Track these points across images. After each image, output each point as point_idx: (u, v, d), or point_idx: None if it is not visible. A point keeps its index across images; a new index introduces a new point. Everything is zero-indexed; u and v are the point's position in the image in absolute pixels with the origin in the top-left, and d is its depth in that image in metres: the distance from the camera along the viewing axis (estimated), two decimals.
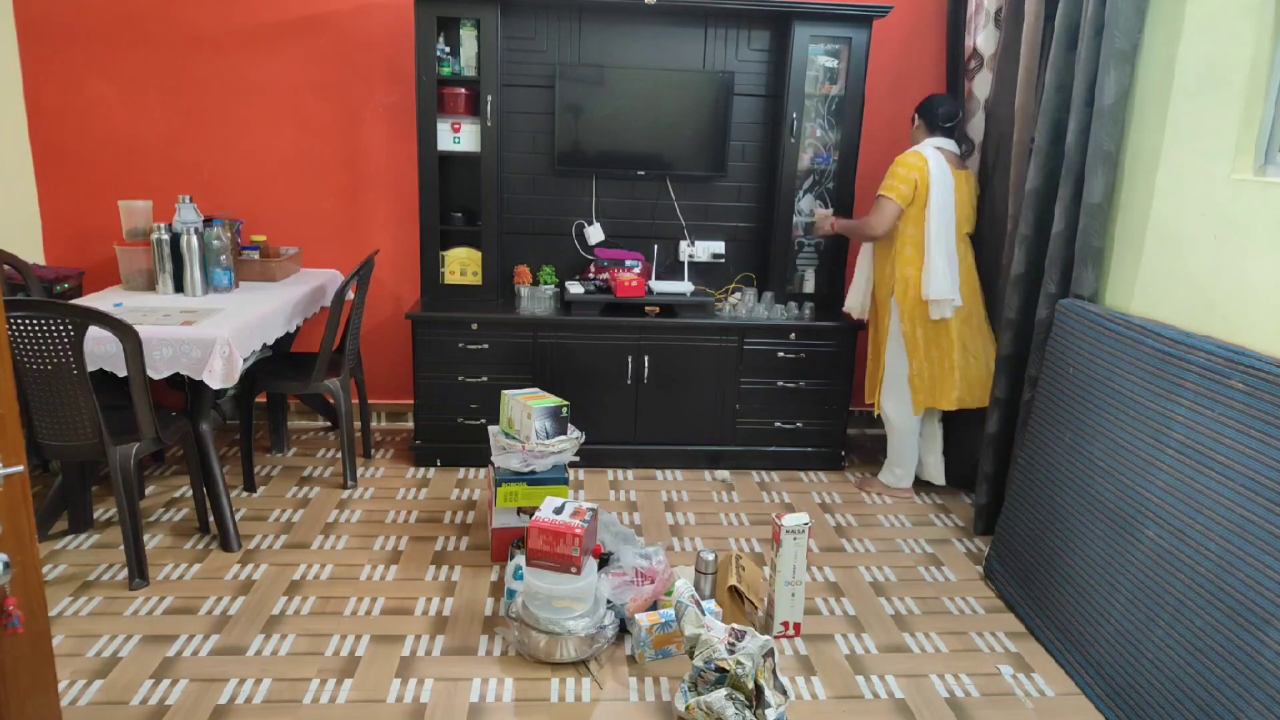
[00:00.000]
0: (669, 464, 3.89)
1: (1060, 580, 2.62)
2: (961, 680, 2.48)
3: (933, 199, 3.30)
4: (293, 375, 3.53)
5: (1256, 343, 2.13)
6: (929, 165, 3.31)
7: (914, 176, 3.31)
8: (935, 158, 3.33)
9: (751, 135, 3.96)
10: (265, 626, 2.60)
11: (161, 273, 3.31)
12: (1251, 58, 2.24)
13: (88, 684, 2.31)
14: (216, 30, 3.81)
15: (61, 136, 3.86)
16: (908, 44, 4.04)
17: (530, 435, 2.94)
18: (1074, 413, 2.67)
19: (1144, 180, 2.63)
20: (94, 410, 2.64)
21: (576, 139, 3.82)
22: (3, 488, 1.36)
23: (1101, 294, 2.80)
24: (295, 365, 3.63)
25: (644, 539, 3.22)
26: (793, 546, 2.60)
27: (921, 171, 3.31)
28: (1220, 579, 2.04)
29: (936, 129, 3.46)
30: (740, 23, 3.84)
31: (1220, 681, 1.99)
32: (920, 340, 3.43)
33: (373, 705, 2.28)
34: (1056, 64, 2.92)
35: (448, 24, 3.61)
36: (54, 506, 3.09)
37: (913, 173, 3.31)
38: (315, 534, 3.17)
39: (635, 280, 3.73)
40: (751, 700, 2.16)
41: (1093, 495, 2.53)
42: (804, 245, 4.05)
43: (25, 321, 2.48)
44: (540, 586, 2.45)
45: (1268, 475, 1.96)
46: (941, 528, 3.43)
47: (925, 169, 3.31)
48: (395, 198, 4.03)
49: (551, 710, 2.29)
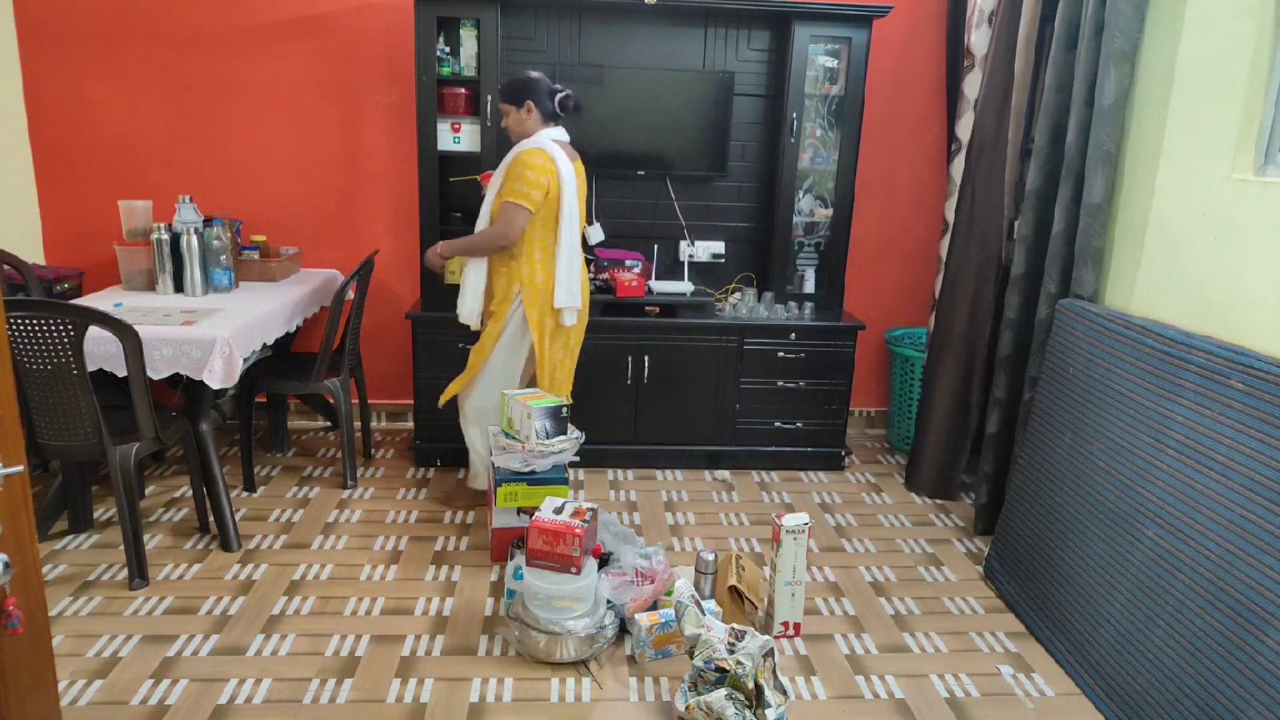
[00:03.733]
0: (669, 464, 3.89)
1: (1060, 580, 2.62)
2: (961, 680, 2.48)
3: (564, 203, 3.02)
4: (293, 375, 3.51)
5: (1256, 343, 2.13)
6: (558, 166, 3.00)
7: (545, 181, 2.97)
8: (560, 156, 3.02)
9: (751, 135, 3.96)
10: (265, 626, 2.60)
11: (161, 273, 3.31)
12: (1251, 58, 2.24)
13: (88, 684, 2.31)
14: (216, 30, 3.81)
15: (61, 136, 3.86)
16: (908, 44, 4.04)
17: (530, 435, 2.94)
18: (1074, 413, 2.67)
19: (1144, 180, 2.63)
20: (94, 410, 2.64)
21: (576, 139, 3.81)
22: (3, 488, 1.36)
23: (1101, 294, 2.80)
24: (295, 365, 3.62)
25: (644, 539, 3.22)
26: (793, 546, 2.60)
27: (552, 175, 2.98)
28: (1220, 579, 2.04)
29: (552, 119, 3.10)
30: (740, 23, 3.84)
31: (1220, 681, 1.99)
32: (550, 349, 3.18)
33: (373, 705, 2.28)
34: (1056, 64, 2.92)
35: (448, 24, 3.61)
36: (54, 506, 3.09)
37: (543, 176, 2.96)
38: (315, 534, 3.17)
39: (635, 280, 3.73)
40: (751, 700, 2.16)
41: (1093, 495, 2.53)
42: (804, 245, 4.04)
43: (25, 321, 2.48)
44: (540, 586, 2.45)
45: (1268, 475, 1.96)
46: (941, 528, 3.43)
47: (555, 171, 2.99)
48: (395, 198, 4.03)
49: (551, 710, 2.29)
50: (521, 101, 3.07)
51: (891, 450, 4.26)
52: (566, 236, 3.07)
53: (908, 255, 4.32)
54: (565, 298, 3.10)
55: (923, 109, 4.14)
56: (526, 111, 3.07)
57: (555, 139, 3.08)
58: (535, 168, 2.96)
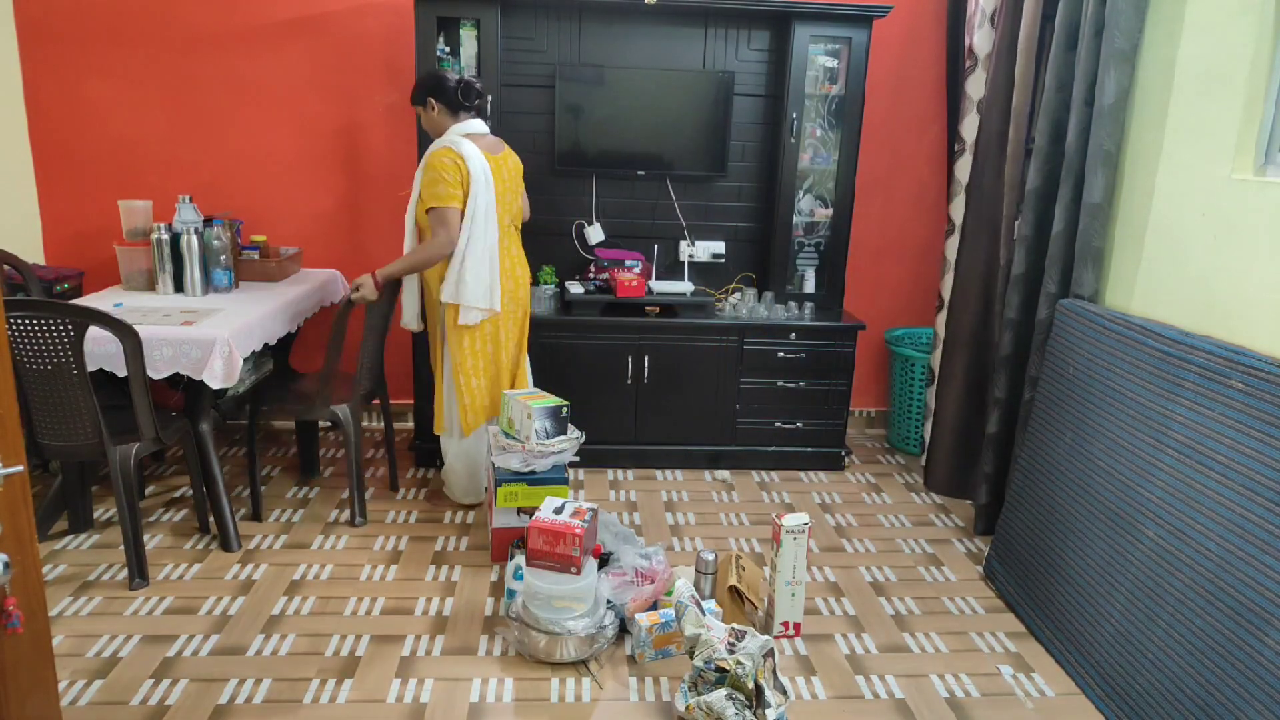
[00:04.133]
0: (669, 464, 3.89)
1: (1060, 580, 2.62)
2: (961, 680, 2.48)
3: (474, 200, 2.96)
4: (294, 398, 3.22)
5: (1256, 343, 2.13)
6: (468, 165, 2.93)
7: (459, 178, 2.93)
8: (472, 150, 2.95)
9: (751, 135, 3.96)
10: (265, 626, 2.60)
11: (161, 273, 3.31)
12: (1251, 58, 2.24)
13: (88, 684, 2.31)
14: (217, 30, 3.81)
15: (61, 136, 3.86)
16: (908, 44, 4.04)
17: (530, 435, 2.94)
18: (1074, 413, 2.67)
19: (1144, 180, 2.63)
20: (94, 410, 2.64)
21: (576, 139, 3.82)
22: (3, 488, 1.36)
23: (1101, 294, 2.80)
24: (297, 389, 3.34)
25: (644, 539, 3.22)
26: (793, 546, 2.60)
27: (464, 172, 2.93)
28: (1220, 579, 2.04)
29: (460, 111, 3.05)
30: (740, 23, 3.84)
31: (1220, 681, 1.99)
32: (470, 351, 3.15)
33: (373, 705, 2.28)
34: (1056, 64, 2.92)
35: (448, 24, 3.61)
36: (54, 506, 3.09)
37: (455, 174, 2.93)
38: (315, 534, 3.17)
39: (635, 280, 3.73)
40: (751, 700, 2.16)
41: (1093, 495, 2.53)
42: (804, 245, 4.04)
43: (25, 321, 2.48)
44: (540, 586, 2.45)
45: (1268, 475, 1.96)
46: (941, 528, 3.43)
47: (465, 168, 2.93)
48: (395, 197, 4.03)
49: (551, 710, 2.29)
50: (424, 100, 3.07)
51: (891, 450, 4.26)
52: (480, 233, 3.00)
53: (908, 255, 4.32)
54: (470, 296, 3.02)
55: (923, 109, 4.14)
56: (431, 109, 3.07)
57: (468, 132, 3.04)
58: (445, 167, 2.93)
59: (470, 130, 3.06)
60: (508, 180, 3.14)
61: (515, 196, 3.22)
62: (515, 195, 3.22)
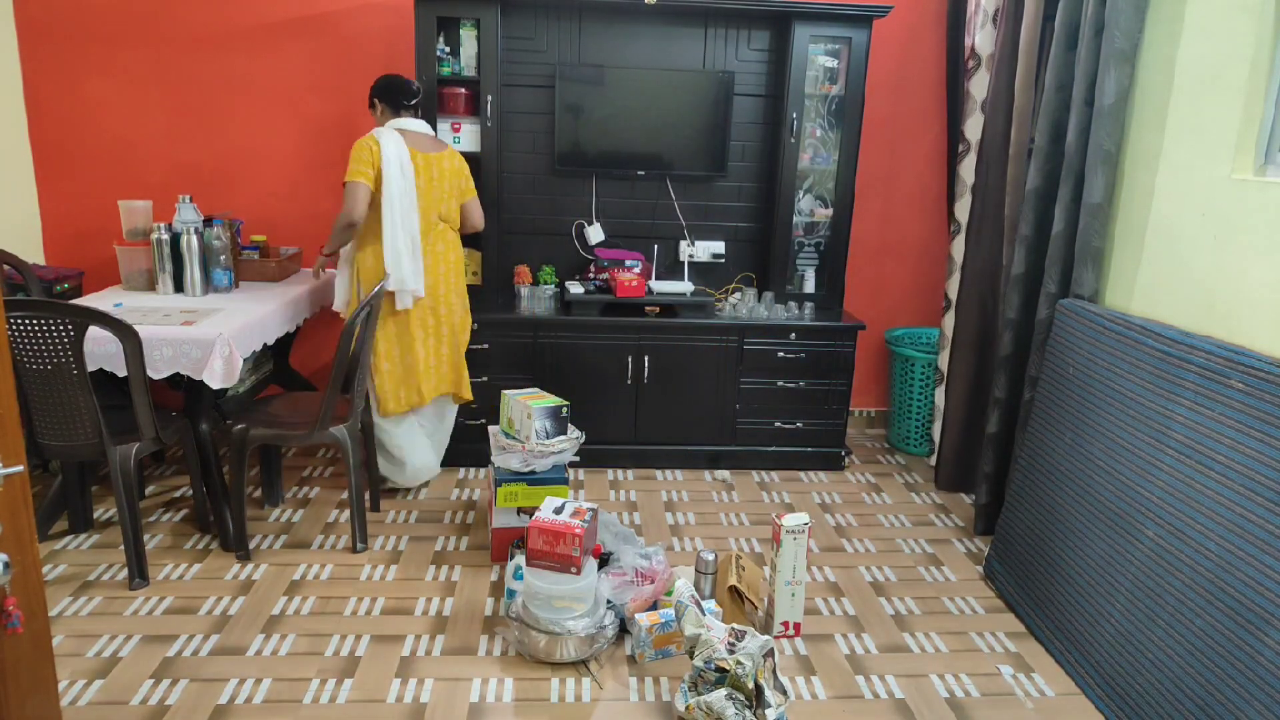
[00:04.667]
0: (669, 464, 3.89)
1: (1060, 580, 2.62)
2: (961, 680, 2.48)
3: (388, 184, 3.15)
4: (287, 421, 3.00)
5: (1256, 343, 2.13)
6: (381, 148, 3.15)
7: (369, 158, 3.15)
8: (392, 140, 3.18)
9: (751, 135, 3.96)
10: (265, 626, 2.60)
11: (161, 273, 3.31)
12: (1251, 58, 2.24)
13: (88, 684, 2.31)
14: (216, 30, 3.81)
15: (61, 136, 3.86)
16: (908, 44, 4.04)
17: (530, 435, 2.94)
18: (1074, 413, 2.67)
19: (1144, 180, 2.63)
20: (94, 410, 2.64)
21: (576, 139, 3.82)
22: (3, 488, 1.36)
23: (1101, 294, 2.80)
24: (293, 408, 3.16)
25: (644, 539, 3.22)
26: (793, 546, 2.60)
27: (375, 154, 3.14)
28: (1220, 579, 2.04)
29: (399, 109, 3.29)
30: (740, 23, 3.84)
31: (1220, 681, 1.99)
32: (388, 333, 3.31)
33: (373, 705, 2.28)
34: (1056, 64, 2.92)
35: (448, 24, 3.61)
36: (54, 506, 3.09)
37: (366, 154, 3.14)
38: (315, 534, 3.17)
39: (635, 280, 3.73)
40: (751, 700, 2.16)
41: (1093, 495, 2.53)
42: (804, 245, 4.04)
43: (25, 321, 2.48)
44: (540, 586, 2.45)
45: (1268, 475, 1.96)
46: (941, 528, 3.43)
47: (378, 152, 3.15)
48: None
49: (551, 710, 2.29)
50: (372, 103, 3.34)
51: (891, 450, 4.26)
52: (399, 218, 3.17)
53: (908, 255, 4.32)
54: (393, 280, 3.20)
55: (923, 109, 4.14)
56: (378, 111, 3.33)
57: (399, 127, 3.25)
58: (359, 148, 3.15)
59: (404, 126, 3.26)
60: (437, 178, 3.28)
61: (449, 196, 3.34)
62: (448, 194, 3.34)
